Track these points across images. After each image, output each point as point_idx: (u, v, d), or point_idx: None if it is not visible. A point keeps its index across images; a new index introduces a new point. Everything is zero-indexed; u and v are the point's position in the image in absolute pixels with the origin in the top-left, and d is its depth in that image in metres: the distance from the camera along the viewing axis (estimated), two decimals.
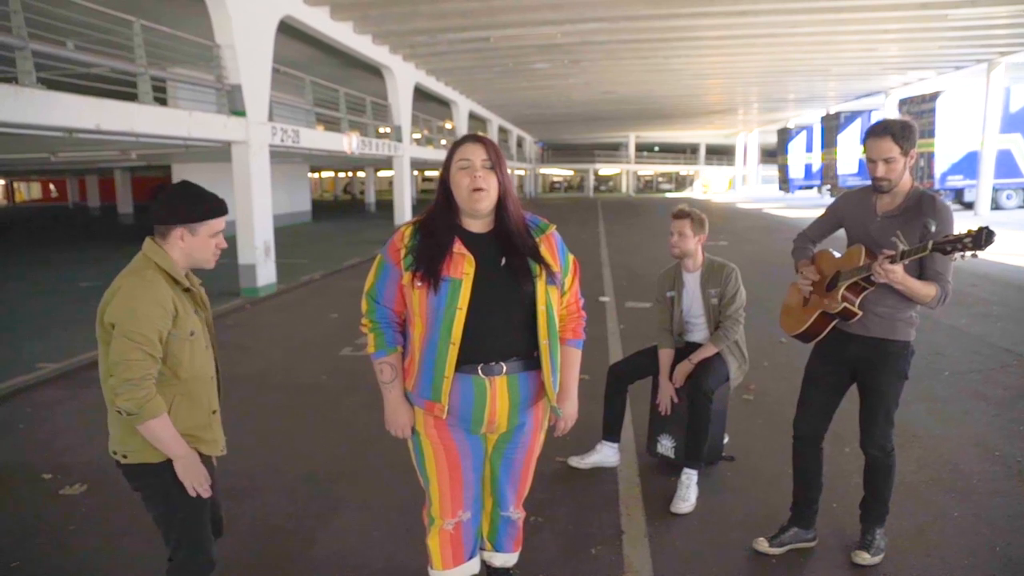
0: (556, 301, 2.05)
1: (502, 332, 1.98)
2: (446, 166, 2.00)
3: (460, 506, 2.13)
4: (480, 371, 1.97)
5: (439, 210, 2.01)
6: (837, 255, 2.70)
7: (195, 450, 2.00)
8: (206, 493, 2.01)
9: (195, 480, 1.98)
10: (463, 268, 1.92)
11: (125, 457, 1.97)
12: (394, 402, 2.07)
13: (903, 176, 2.50)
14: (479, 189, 1.92)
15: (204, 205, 1.98)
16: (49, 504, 3.42)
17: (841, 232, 2.80)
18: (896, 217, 2.52)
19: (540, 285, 1.98)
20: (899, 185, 2.51)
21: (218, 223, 2.01)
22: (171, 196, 1.99)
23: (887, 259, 2.33)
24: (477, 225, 2.01)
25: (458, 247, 1.94)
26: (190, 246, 1.98)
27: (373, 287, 2.05)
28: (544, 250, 2.03)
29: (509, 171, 2.03)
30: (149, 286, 1.89)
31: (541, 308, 1.98)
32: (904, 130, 2.45)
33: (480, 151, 1.95)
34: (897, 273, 2.34)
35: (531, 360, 2.03)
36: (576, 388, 2.20)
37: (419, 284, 1.92)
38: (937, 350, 5.77)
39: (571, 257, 2.14)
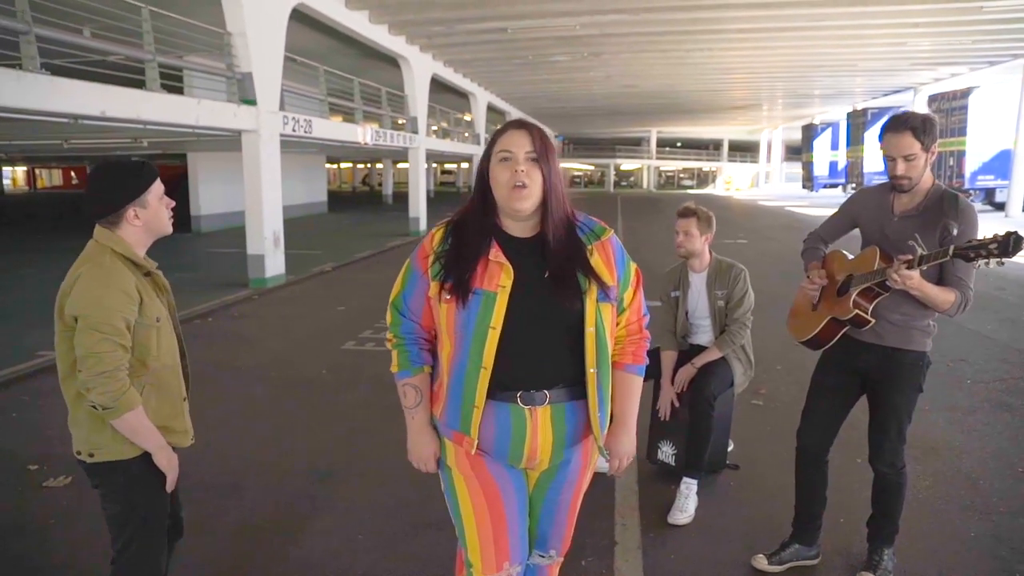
0: (609, 320, 1.74)
1: (544, 355, 1.69)
2: (486, 156, 1.71)
3: (506, 557, 1.78)
4: (519, 400, 1.68)
5: (474, 209, 1.72)
6: (850, 257, 2.53)
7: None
8: (172, 486, 1.97)
9: (174, 472, 1.94)
10: (499, 279, 1.64)
11: (92, 456, 1.90)
12: (417, 430, 1.78)
13: (924, 174, 2.32)
14: (520, 186, 1.62)
15: (140, 173, 1.89)
16: (31, 496, 3.36)
17: (856, 232, 2.62)
18: (915, 217, 2.34)
19: (589, 302, 1.67)
20: (919, 183, 2.33)
21: (159, 184, 1.92)
22: (104, 181, 1.88)
23: (903, 264, 2.16)
24: (519, 228, 1.71)
25: (495, 254, 1.66)
26: (146, 220, 1.89)
27: (399, 297, 1.77)
28: (597, 259, 1.71)
29: (560, 165, 1.72)
30: (111, 273, 1.80)
31: (590, 330, 1.68)
32: (925, 124, 2.26)
33: (525, 140, 1.65)
34: (914, 279, 2.16)
35: (580, 388, 1.72)
36: (634, 421, 1.88)
37: (447, 297, 1.66)
38: (960, 356, 5.55)
39: (633, 267, 1.80)
